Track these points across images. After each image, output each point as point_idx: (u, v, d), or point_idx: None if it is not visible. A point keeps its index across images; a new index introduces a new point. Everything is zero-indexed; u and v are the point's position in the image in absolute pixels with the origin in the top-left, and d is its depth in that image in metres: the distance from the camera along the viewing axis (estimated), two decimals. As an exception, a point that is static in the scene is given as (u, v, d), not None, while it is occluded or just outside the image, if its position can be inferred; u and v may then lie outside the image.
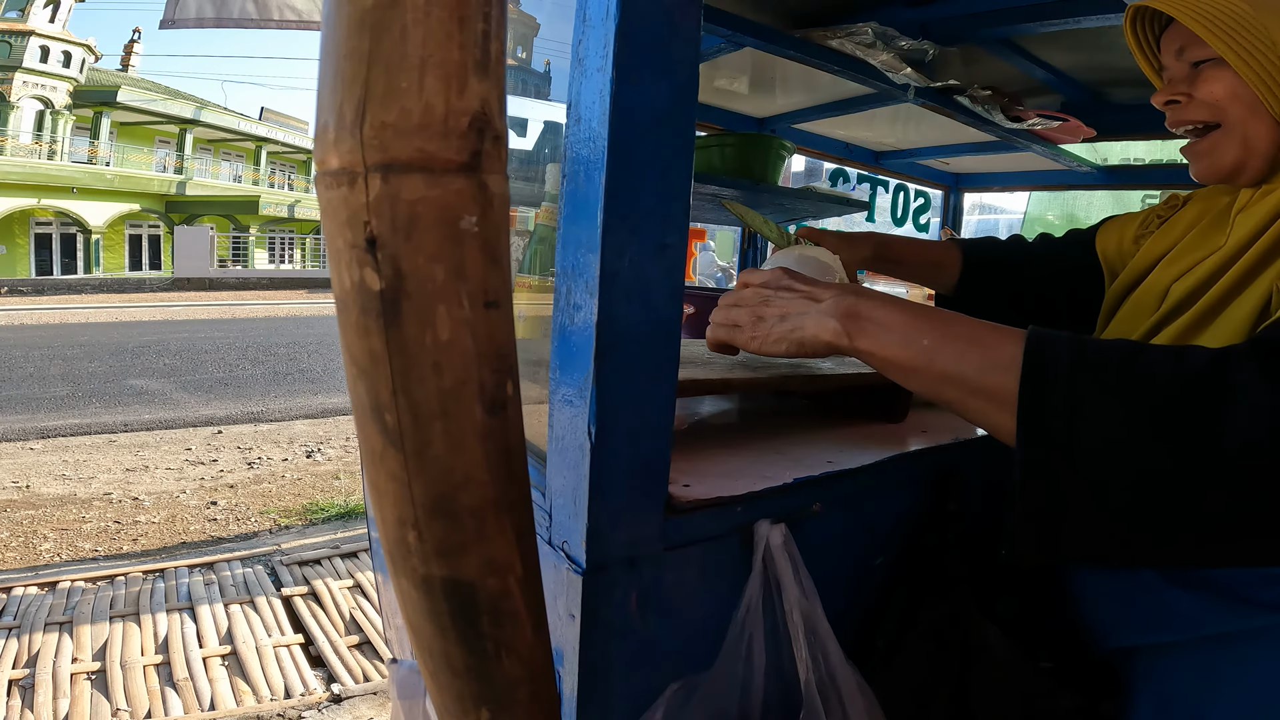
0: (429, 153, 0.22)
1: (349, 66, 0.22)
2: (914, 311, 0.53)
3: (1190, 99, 0.68)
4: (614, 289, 0.42)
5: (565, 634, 0.52)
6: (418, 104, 0.22)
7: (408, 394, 0.24)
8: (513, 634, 0.33)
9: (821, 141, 2.13)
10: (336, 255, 0.23)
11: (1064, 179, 2.28)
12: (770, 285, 0.62)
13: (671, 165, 0.44)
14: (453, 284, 0.23)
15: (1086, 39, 1.49)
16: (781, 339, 0.58)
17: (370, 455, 0.26)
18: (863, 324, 0.54)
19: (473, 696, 0.35)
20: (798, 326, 0.57)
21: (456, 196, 0.23)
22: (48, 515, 3.28)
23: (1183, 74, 0.70)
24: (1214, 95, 0.66)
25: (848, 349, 0.55)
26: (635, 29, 0.42)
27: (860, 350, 0.54)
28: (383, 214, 0.22)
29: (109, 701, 2.01)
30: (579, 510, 0.47)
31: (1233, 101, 0.65)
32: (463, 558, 0.28)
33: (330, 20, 0.23)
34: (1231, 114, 0.66)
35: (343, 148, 0.22)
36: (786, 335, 0.58)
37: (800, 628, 0.58)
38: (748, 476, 0.60)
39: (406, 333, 0.23)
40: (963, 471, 0.73)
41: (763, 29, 1.20)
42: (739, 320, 0.62)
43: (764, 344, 0.59)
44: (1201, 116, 0.68)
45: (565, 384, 0.47)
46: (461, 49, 0.23)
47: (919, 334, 0.51)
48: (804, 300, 0.59)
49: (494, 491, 0.27)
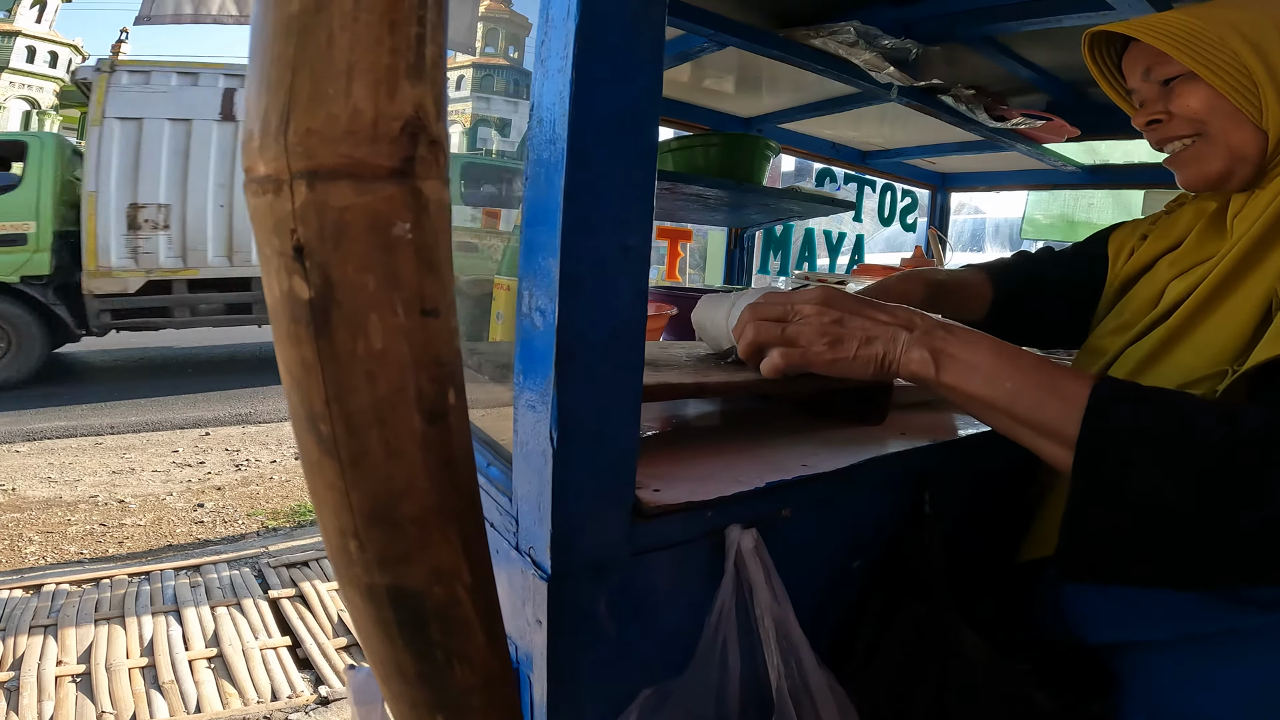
0: (357, 159, 0.22)
1: (274, 73, 0.21)
2: (999, 352, 0.57)
3: (1170, 116, 0.69)
4: (575, 293, 0.42)
5: (533, 640, 0.51)
6: (344, 110, 0.21)
7: (341, 403, 0.23)
8: (464, 642, 0.32)
9: (808, 141, 2.13)
10: (266, 263, 0.23)
11: (1049, 178, 2.29)
12: (837, 305, 0.63)
13: (634, 167, 0.43)
14: (385, 292, 0.23)
15: (1070, 38, 1.48)
16: (868, 361, 0.60)
17: (307, 464, 0.25)
18: (951, 359, 0.57)
19: (426, 704, 0.35)
20: (887, 352, 0.60)
21: (387, 203, 0.22)
22: (33, 518, 3.26)
23: (1154, 94, 0.71)
24: (1192, 109, 0.67)
25: (932, 381, 0.58)
26: (596, 29, 0.41)
27: (944, 384, 0.58)
28: (309, 222, 0.21)
29: (94, 704, 2.00)
30: (543, 516, 0.47)
31: (1211, 113, 0.66)
32: (407, 566, 0.28)
33: (257, 26, 0.22)
34: (1213, 125, 0.66)
35: (268, 154, 0.21)
36: (873, 358, 0.60)
37: (772, 633, 0.58)
38: (720, 480, 0.59)
39: (338, 342, 0.23)
40: (941, 473, 0.72)
41: (746, 28, 1.20)
42: (806, 339, 0.62)
43: (846, 366, 0.61)
44: (1184, 131, 0.69)
45: (528, 389, 0.46)
46: (393, 53, 0.23)
47: (1003, 377, 0.55)
48: (895, 327, 0.60)
49: (436, 500, 0.27)
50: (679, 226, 2.10)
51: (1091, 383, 0.52)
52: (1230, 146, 0.66)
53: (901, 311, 0.62)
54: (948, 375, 0.57)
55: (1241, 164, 0.66)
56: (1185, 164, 0.71)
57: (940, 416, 0.89)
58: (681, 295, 1.51)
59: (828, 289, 0.65)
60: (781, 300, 0.66)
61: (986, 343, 0.58)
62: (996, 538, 0.86)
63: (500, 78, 24.63)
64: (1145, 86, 0.72)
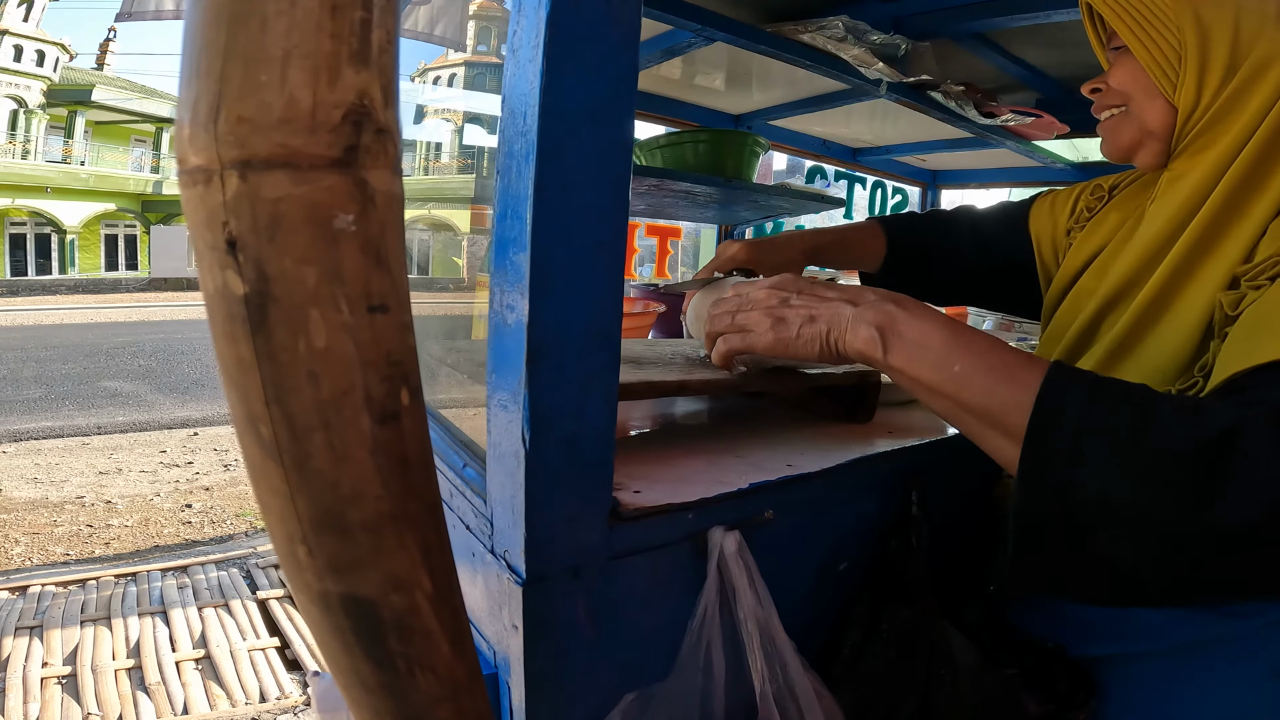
0: (293, 148, 0.20)
1: (204, 60, 0.20)
2: (952, 331, 0.51)
3: (1108, 87, 0.69)
4: (546, 289, 0.41)
5: (510, 645, 0.50)
6: (279, 98, 0.20)
7: (282, 404, 0.22)
8: (425, 651, 0.31)
9: (799, 138, 2.12)
10: (199, 258, 0.21)
11: (1039, 175, 2.28)
12: (785, 286, 0.61)
13: (608, 160, 0.42)
14: (327, 287, 0.22)
15: (1059, 34, 1.48)
16: (812, 339, 0.57)
17: (250, 468, 0.24)
18: (899, 339, 0.52)
19: (390, 713, 0.34)
20: (832, 328, 0.56)
21: (328, 194, 0.21)
22: (19, 519, 3.23)
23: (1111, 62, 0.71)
24: (1120, 81, 0.67)
25: (879, 362, 0.54)
26: (568, 17, 0.40)
27: (891, 366, 0.53)
28: (241, 213, 0.20)
29: (80, 706, 1.98)
30: (517, 519, 0.46)
31: (1134, 86, 0.66)
32: (359, 574, 0.27)
33: (188, 15, 0.21)
34: (1134, 99, 0.66)
35: (197, 144, 0.20)
36: (817, 336, 0.56)
37: (756, 637, 0.57)
38: (702, 481, 0.58)
39: (276, 340, 0.21)
40: (928, 474, 0.72)
41: (734, 23, 1.19)
42: (752, 324, 0.60)
43: (790, 346, 0.58)
44: (1114, 102, 0.69)
45: (500, 388, 0.45)
46: (334, 39, 0.21)
47: (952, 359, 0.50)
48: (839, 303, 0.57)
49: (390, 506, 0.26)
50: (668, 224, 2.09)
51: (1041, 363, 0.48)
52: (1143, 120, 0.66)
53: (851, 289, 0.58)
54: (895, 357, 0.52)
55: (1149, 138, 0.66)
56: (1105, 134, 0.71)
57: (929, 415, 0.89)
58: (671, 293, 1.50)
59: (786, 275, 0.63)
60: (742, 290, 0.64)
61: (939, 321, 0.53)
62: (985, 539, 0.85)
63: (493, 76, 24.59)
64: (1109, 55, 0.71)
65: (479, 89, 22.67)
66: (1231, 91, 0.60)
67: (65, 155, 19.24)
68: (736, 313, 0.62)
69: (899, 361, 0.52)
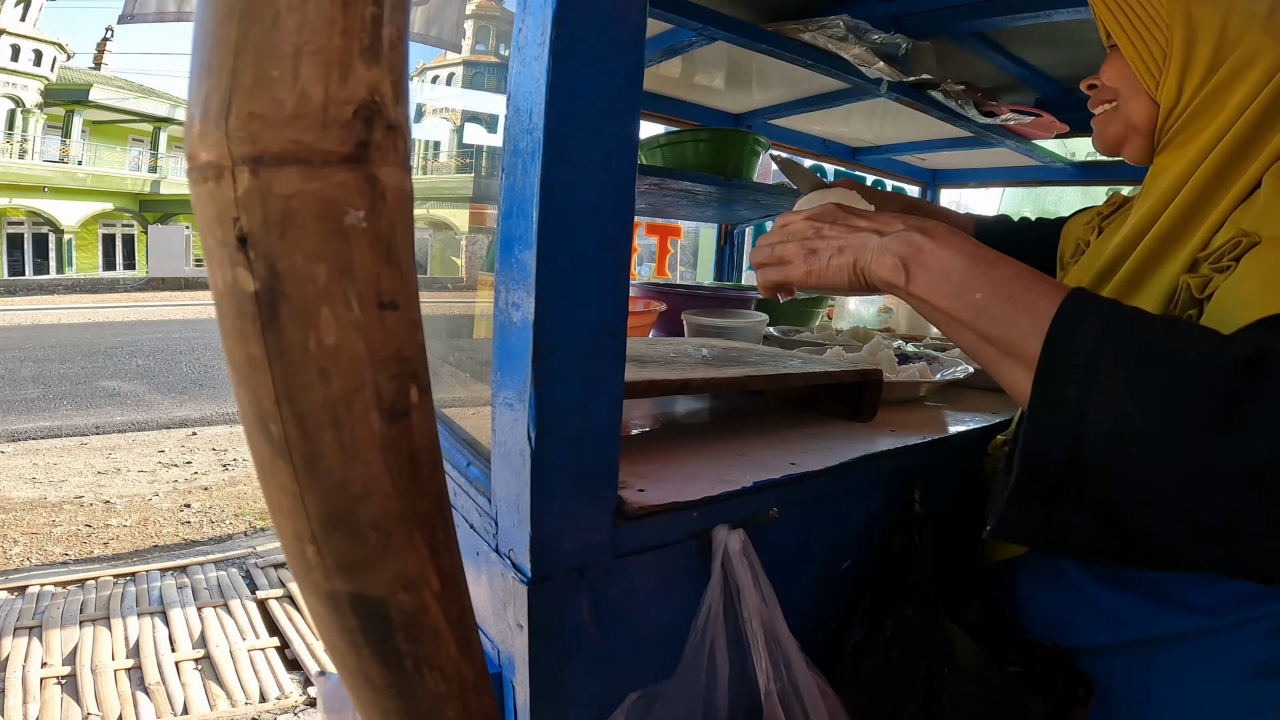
0: (305, 144, 0.20)
1: (215, 56, 0.20)
2: (975, 260, 0.50)
3: (1100, 82, 0.71)
4: (552, 287, 0.41)
5: (515, 644, 0.50)
6: (291, 93, 0.20)
7: (292, 403, 0.22)
8: (434, 650, 0.31)
9: (799, 137, 2.12)
10: (209, 255, 0.21)
11: (1038, 175, 2.28)
12: (822, 218, 0.61)
13: (613, 157, 0.42)
14: (338, 284, 0.22)
15: (1058, 34, 1.48)
16: (841, 269, 0.57)
17: (259, 467, 0.24)
18: (921, 268, 0.52)
19: (397, 713, 0.34)
20: (859, 258, 0.56)
21: (339, 190, 0.21)
22: (17, 519, 3.22)
23: None
24: (1109, 77, 0.69)
25: (902, 291, 0.53)
26: (574, 15, 0.40)
27: (914, 295, 0.52)
28: (253, 209, 0.20)
29: (80, 706, 1.98)
30: (522, 518, 0.45)
31: (1122, 81, 0.67)
32: (369, 573, 0.26)
33: (199, 11, 0.21)
34: (1122, 94, 0.68)
35: (208, 140, 0.20)
36: (845, 266, 0.57)
37: (760, 636, 0.57)
38: (706, 480, 0.58)
39: (287, 337, 0.21)
40: (931, 472, 0.72)
41: (735, 22, 1.19)
42: (789, 255, 0.62)
43: (821, 277, 0.59)
44: (1105, 97, 0.70)
45: (505, 387, 0.45)
46: (345, 34, 0.21)
47: (973, 287, 0.48)
48: (867, 233, 0.56)
49: (399, 504, 0.26)
50: (669, 223, 2.09)
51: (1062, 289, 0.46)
52: (1128, 115, 0.67)
53: (883, 216, 0.58)
54: (917, 285, 0.52)
55: (1134, 133, 0.68)
56: (1096, 128, 0.73)
57: (931, 413, 0.89)
58: (671, 292, 1.50)
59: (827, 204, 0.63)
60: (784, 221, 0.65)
61: (963, 249, 0.51)
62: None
63: (491, 75, 24.56)
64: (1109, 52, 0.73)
65: (477, 88, 22.62)
66: (1211, 89, 0.60)
67: (63, 155, 19.22)
68: (776, 245, 0.63)
69: (921, 290, 0.52)
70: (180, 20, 1.64)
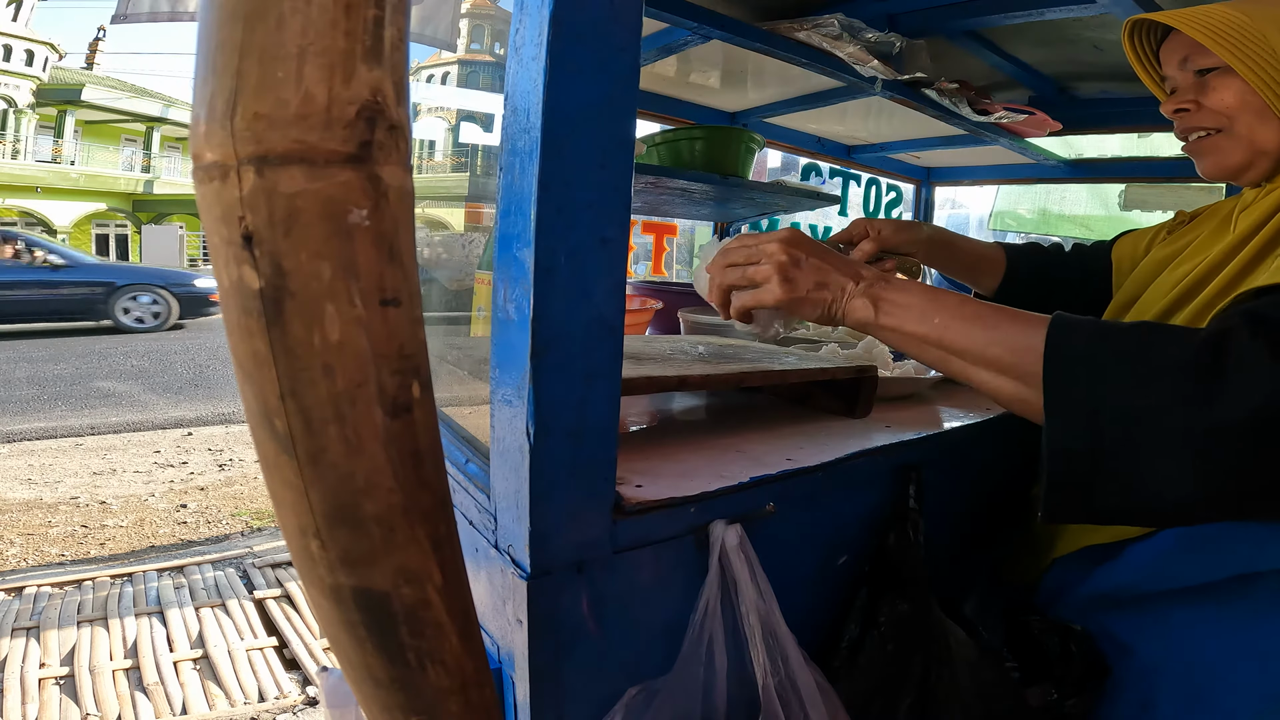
0: (309, 144, 0.21)
1: (221, 57, 0.20)
2: (930, 295, 0.62)
3: (1199, 106, 0.71)
4: (550, 285, 0.41)
5: (514, 639, 0.51)
6: (295, 94, 0.20)
7: (297, 398, 0.22)
8: (436, 644, 0.31)
9: (794, 135, 2.12)
10: (215, 253, 0.22)
11: (1032, 173, 2.29)
12: (799, 247, 0.66)
13: (610, 156, 0.42)
14: (342, 281, 0.22)
15: (1052, 32, 1.49)
16: (819, 304, 0.65)
17: (264, 462, 0.24)
18: (888, 303, 0.62)
19: (400, 707, 0.34)
20: (835, 299, 0.65)
21: (342, 189, 0.21)
22: (13, 520, 3.21)
23: (1189, 83, 0.73)
24: (1224, 103, 0.69)
25: (872, 324, 0.63)
26: (571, 15, 0.40)
27: (884, 326, 0.63)
28: (258, 208, 0.20)
29: (78, 707, 1.97)
30: (521, 514, 0.46)
31: (1242, 108, 0.68)
32: (372, 567, 0.27)
33: (204, 12, 0.21)
34: (1240, 120, 0.69)
35: (214, 140, 0.20)
36: (822, 302, 0.65)
37: (758, 630, 0.57)
38: (703, 476, 0.59)
39: (291, 333, 0.22)
40: (925, 467, 0.72)
41: (730, 21, 1.19)
42: (763, 278, 0.66)
43: (796, 305, 0.65)
44: (1209, 123, 0.71)
45: (504, 383, 0.46)
46: (348, 36, 0.22)
47: (931, 313, 0.60)
48: (845, 277, 0.65)
49: (402, 499, 0.26)
50: (664, 221, 2.09)
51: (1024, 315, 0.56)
52: (1253, 141, 0.68)
53: (852, 264, 0.66)
54: (885, 318, 0.62)
55: (1261, 157, 0.69)
56: (1204, 154, 0.73)
57: (926, 409, 0.89)
58: (667, 290, 1.51)
59: (793, 230, 0.68)
60: (750, 242, 0.68)
61: (919, 289, 0.63)
62: (983, 532, 0.86)
63: (486, 74, 24.56)
64: (1180, 75, 0.74)
65: (472, 87, 22.61)
66: None
67: (55, 155, 19.14)
68: (748, 266, 0.67)
69: (890, 322, 0.62)
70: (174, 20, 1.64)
